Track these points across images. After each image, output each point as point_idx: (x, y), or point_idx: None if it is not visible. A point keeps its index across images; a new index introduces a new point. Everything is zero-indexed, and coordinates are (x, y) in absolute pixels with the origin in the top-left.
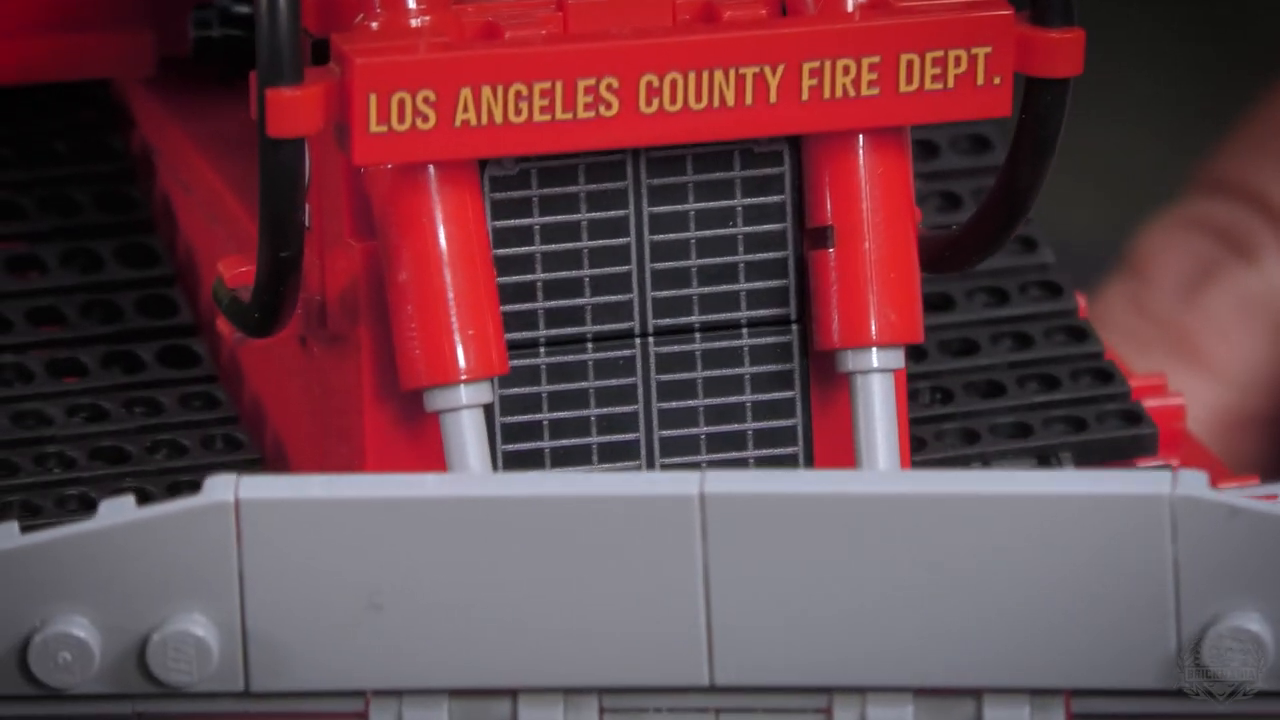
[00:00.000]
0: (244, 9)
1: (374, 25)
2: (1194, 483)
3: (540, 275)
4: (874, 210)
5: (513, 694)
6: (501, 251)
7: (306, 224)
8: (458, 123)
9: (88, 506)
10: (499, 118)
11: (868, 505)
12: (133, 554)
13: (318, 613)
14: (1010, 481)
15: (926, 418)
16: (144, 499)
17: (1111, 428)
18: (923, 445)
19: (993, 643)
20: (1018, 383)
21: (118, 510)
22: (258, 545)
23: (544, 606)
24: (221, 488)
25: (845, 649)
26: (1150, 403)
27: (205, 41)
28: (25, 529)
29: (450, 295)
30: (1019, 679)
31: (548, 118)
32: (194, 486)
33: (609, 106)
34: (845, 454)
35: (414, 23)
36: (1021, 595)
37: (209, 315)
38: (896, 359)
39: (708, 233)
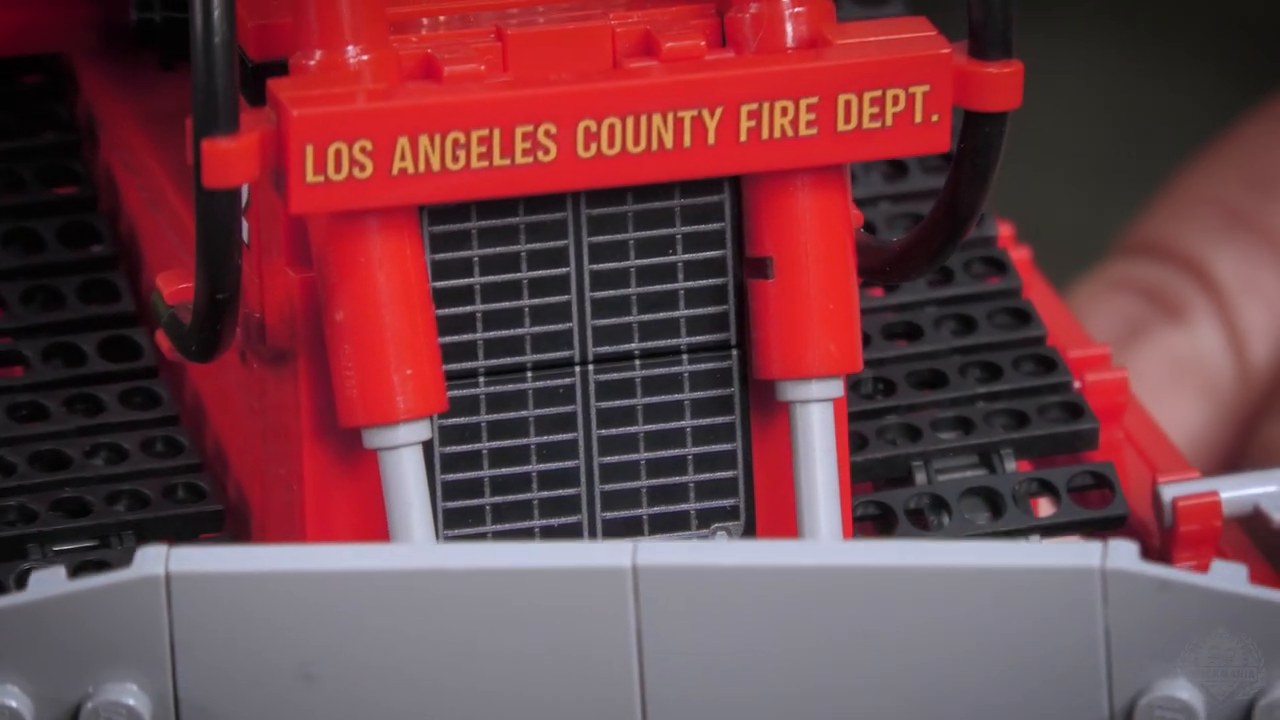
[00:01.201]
0: None
1: (311, 63)
2: (1124, 555)
3: (480, 306)
4: (813, 243)
5: None
6: (440, 284)
7: (245, 241)
8: (395, 171)
9: (26, 518)
10: (436, 165)
11: (799, 578)
12: (64, 626)
13: (250, 683)
14: (943, 554)
15: (868, 411)
16: (82, 510)
17: (1053, 422)
18: (865, 443)
19: (925, 716)
20: (960, 371)
21: (48, 583)
22: (189, 618)
23: (476, 680)
24: (152, 561)
25: None
26: (1092, 377)
27: (147, 24)
28: None
29: (388, 335)
30: None
31: (485, 164)
32: (135, 496)
33: (547, 152)
34: (784, 478)
35: (352, 61)
36: (955, 668)
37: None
38: (835, 389)
39: (647, 260)
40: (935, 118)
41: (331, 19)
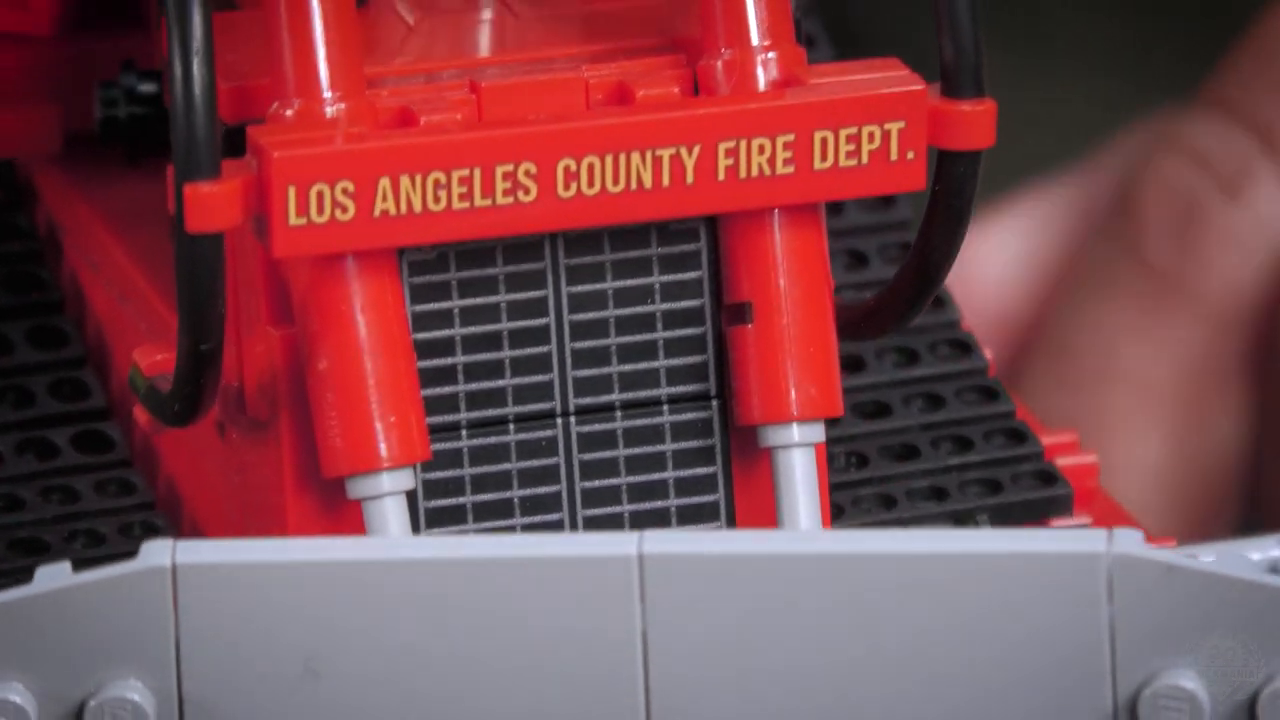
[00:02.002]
0: (150, 87)
1: (289, 113)
2: (1129, 541)
3: (460, 358)
4: (791, 285)
5: None
6: (421, 336)
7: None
8: (377, 212)
9: None
10: (418, 206)
11: (803, 565)
12: (69, 619)
13: (254, 678)
14: (947, 540)
15: (843, 483)
16: None
17: (1027, 488)
18: (841, 512)
19: (929, 703)
20: (932, 444)
21: (54, 575)
22: (195, 609)
23: (482, 670)
24: (158, 552)
25: (780, 715)
26: (1062, 461)
27: (111, 121)
28: None
29: (371, 383)
30: None
31: (466, 205)
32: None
33: (527, 192)
34: (768, 527)
35: (329, 110)
36: (960, 654)
37: (121, 397)
38: (817, 433)
39: (626, 310)
40: (911, 154)
41: (308, 70)
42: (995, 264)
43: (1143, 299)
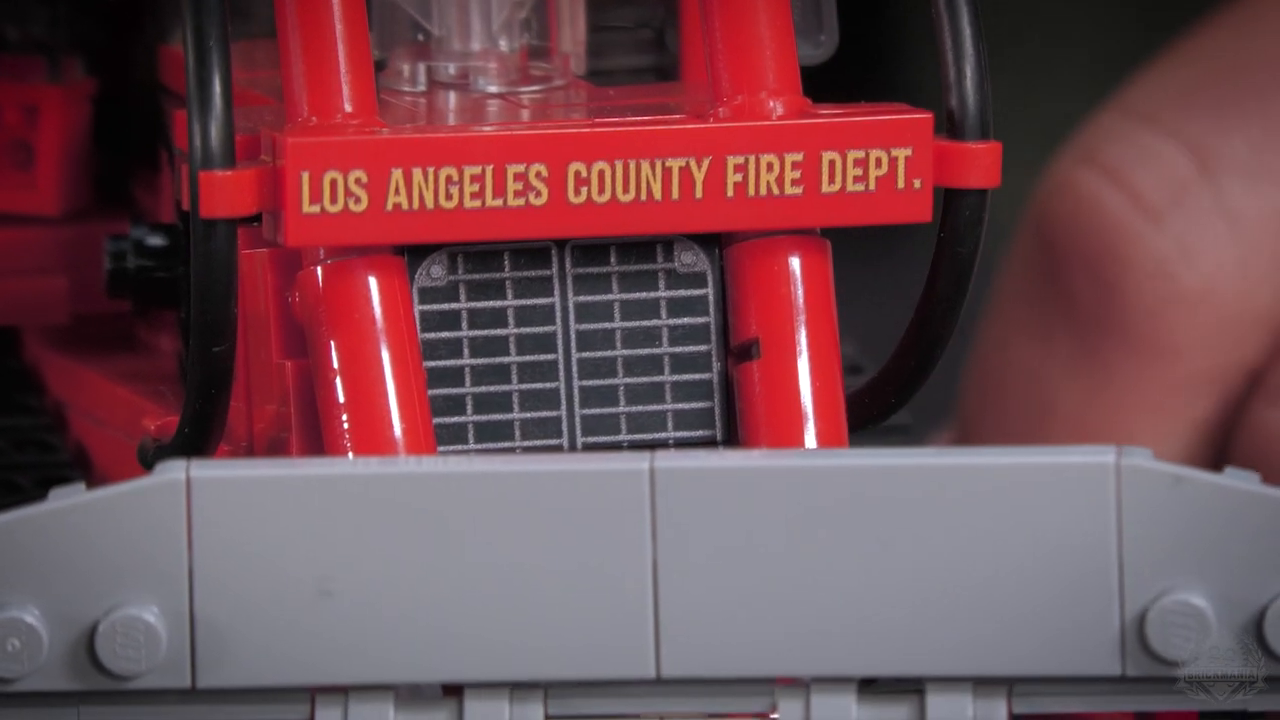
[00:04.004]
0: (159, 241)
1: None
2: (1138, 453)
3: (470, 389)
4: (799, 319)
5: (459, 689)
6: (431, 363)
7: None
8: (389, 206)
9: None
10: (430, 202)
11: (812, 479)
12: (82, 536)
13: (267, 598)
14: (957, 454)
15: None
16: None
17: None
18: None
19: (937, 617)
20: None
21: (68, 494)
22: (209, 525)
23: (493, 590)
24: (174, 467)
25: (791, 635)
26: None
27: (120, 273)
28: None
29: (384, 400)
30: (962, 664)
31: (478, 204)
32: None
33: (539, 195)
34: None
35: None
36: (967, 570)
37: None
38: None
39: (633, 324)
40: (918, 183)
41: (324, 87)
42: None
43: (1070, 334)
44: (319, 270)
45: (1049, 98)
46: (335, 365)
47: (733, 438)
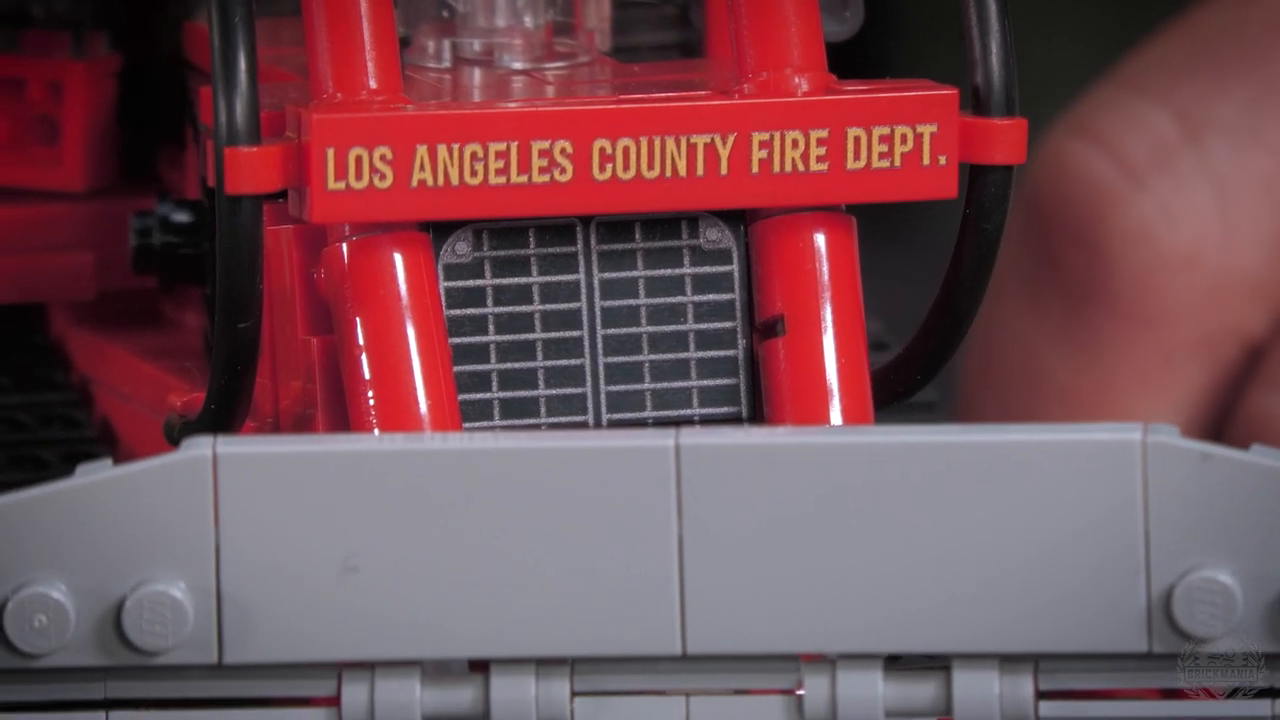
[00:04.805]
0: (184, 217)
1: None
2: (1165, 430)
3: (495, 365)
4: (824, 296)
5: (485, 665)
6: (456, 340)
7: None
8: (414, 183)
9: None
10: (455, 179)
11: (839, 456)
12: (110, 511)
13: (293, 574)
14: (983, 431)
15: None
16: None
17: None
18: None
19: (961, 598)
20: None
21: (95, 469)
22: (235, 501)
23: (519, 567)
24: (200, 444)
25: (816, 612)
26: None
27: (145, 249)
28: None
29: (408, 375)
30: (988, 641)
31: (503, 180)
32: None
33: (563, 171)
34: None
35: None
36: (993, 548)
37: None
38: None
39: (657, 300)
40: (943, 159)
41: (349, 63)
42: None
43: (1060, 304)
44: (344, 247)
45: (1048, 77)
46: (361, 342)
47: (758, 414)
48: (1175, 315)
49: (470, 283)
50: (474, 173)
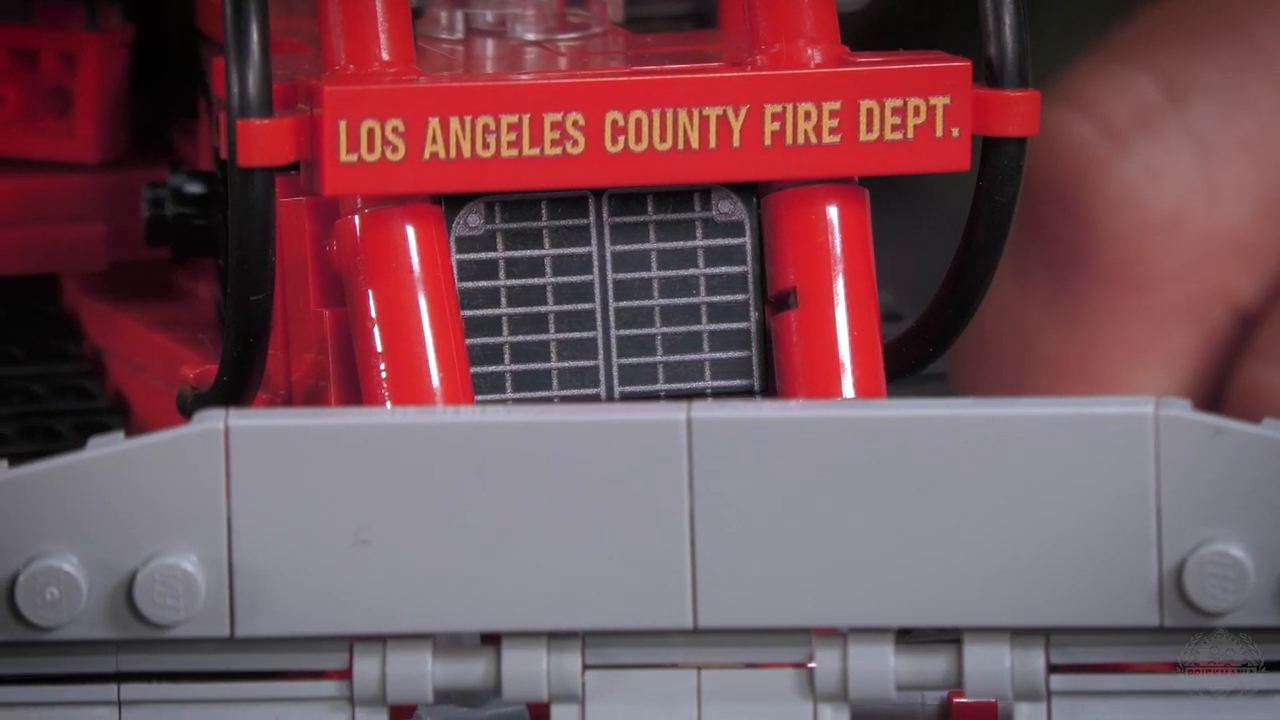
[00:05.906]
0: (197, 188)
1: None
2: (1177, 404)
3: (507, 337)
4: (836, 268)
5: (496, 638)
6: (469, 312)
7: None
8: (426, 155)
9: None
10: (467, 151)
11: (850, 429)
12: (121, 485)
13: (305, 547)
14: (995, 405)
15: None
16: None
17: None
18: None
19: (973, 572)
20: None
21: (107, 441)
22: (247, 474)
23: (531, 540)
24: (212, 416)
25: (828, 585)
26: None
27: (158, 220)
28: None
29: (420, 348)
30: (999, 614)
31: (515, 153)
32: None
33: (575, 144)
34: None
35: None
36: (1002, 520)
37: None
38: None
39: (670, 273)
40: (956, 131)
41: (362, 35)
42: None
43: (1047, 271)
44: (356, 219)
45: (1060, 51)
46: (373, 314)
47: (770, 387)
48: (1161, 278)
49: (482, 255)
50: (486, 145)
